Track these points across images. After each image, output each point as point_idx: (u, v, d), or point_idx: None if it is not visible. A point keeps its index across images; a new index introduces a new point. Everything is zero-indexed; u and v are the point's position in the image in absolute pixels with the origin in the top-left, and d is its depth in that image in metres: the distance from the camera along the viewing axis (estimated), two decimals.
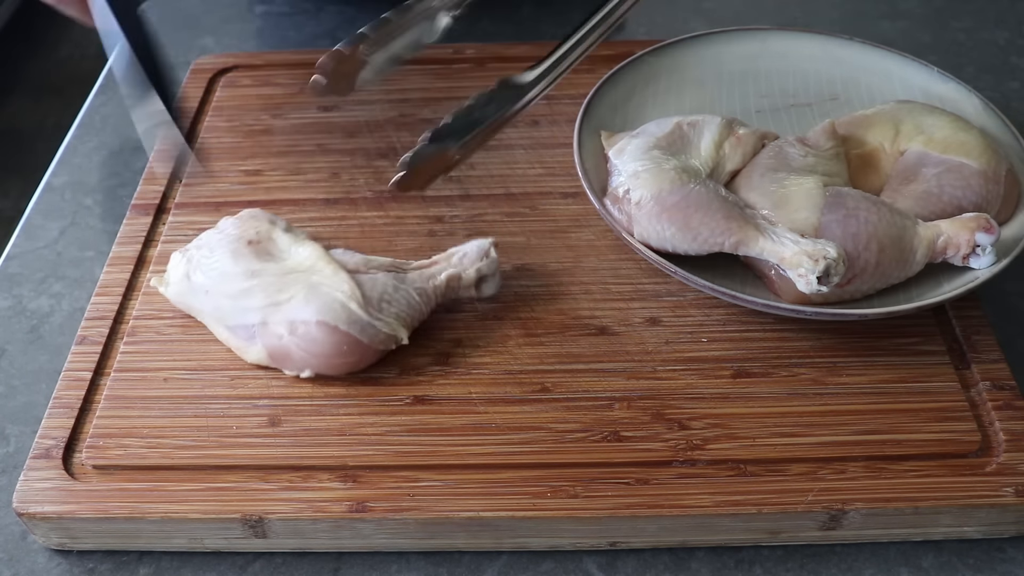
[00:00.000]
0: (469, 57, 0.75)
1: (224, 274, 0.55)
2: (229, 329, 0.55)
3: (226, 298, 0.54)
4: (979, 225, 0.52)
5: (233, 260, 0.55)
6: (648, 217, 0.54)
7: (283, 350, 0.53)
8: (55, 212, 0.68)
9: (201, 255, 0.56)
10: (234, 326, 0.54)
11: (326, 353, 0.52)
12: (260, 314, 0.53)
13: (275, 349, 0.53)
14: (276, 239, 0.56)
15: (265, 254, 0.55)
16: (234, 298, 0.54)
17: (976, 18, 0.83)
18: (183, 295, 0.56)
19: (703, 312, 0.57)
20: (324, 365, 0.53)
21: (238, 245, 0.56)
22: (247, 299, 0.54)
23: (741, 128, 0.59)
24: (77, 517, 0.49)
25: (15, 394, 0.57)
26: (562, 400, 0.52)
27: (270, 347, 0.53)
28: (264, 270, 0.54)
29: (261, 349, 0.53)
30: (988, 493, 0.48)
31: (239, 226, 0.57)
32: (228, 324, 0.54)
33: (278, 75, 0.75)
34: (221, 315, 0.55)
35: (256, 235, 0.56)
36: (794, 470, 0.49)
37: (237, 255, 0.55)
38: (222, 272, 0.55)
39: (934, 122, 0.58)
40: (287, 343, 0.52)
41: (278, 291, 0.53)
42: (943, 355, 0.54)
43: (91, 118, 0.76)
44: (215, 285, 0.55)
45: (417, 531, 0.49)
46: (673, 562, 0.49)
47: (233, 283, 0.54)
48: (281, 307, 0.53)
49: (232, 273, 0.55)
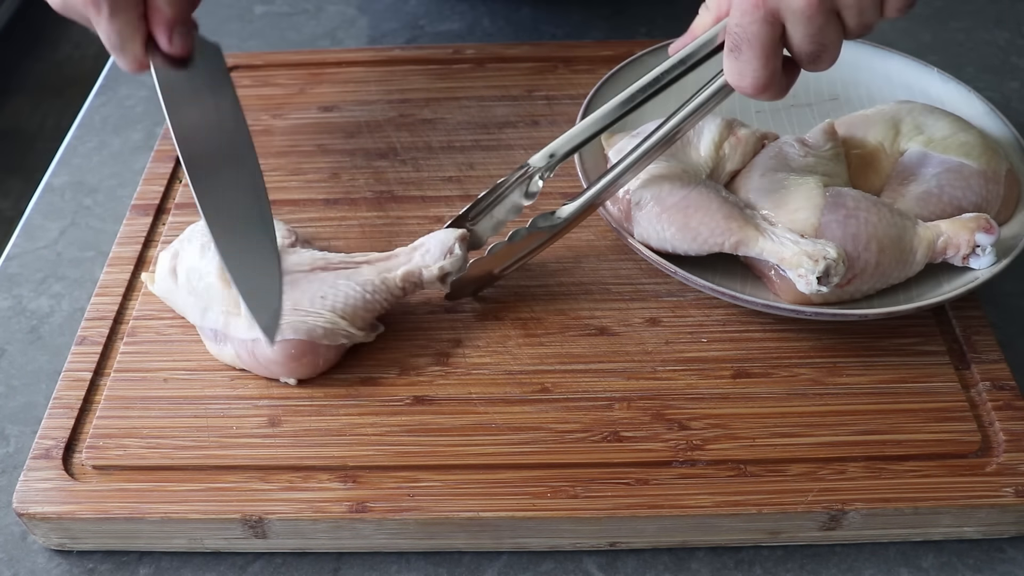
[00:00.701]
0: (469, 57, 0.75)
1: (192, 269, 0.54)
2: (199, 329, 0.54)
3: (191, 294, 0.53)
4: (979, 225, 0.52)
5: (201, 254, 0.54)
6: (648, 217, 0.54)
7: (252, 358, 0.52)
8: (55, 212, 0.68)
9: (182, 248, 0.55)
10: (201, 327, 0.54)
11: (279, 360, 0.52)
12: (219, 319, 0.53)
13: (244, 355, 0.53)
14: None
15: None
16: (198, 295, 0.53)
17: (976, 18, 0.83)
18: (168, 292, 0.55)
19: (703, 312, 0.57)
20: (286, 371, 0.52)
21: (206, 239, 0.55)
22: (209, 299, 0.53)
23: (741, 128, 0.59)
24: (77, 517, 0.49)
25: (15, 394, 0.57)
26: (562, 400, 0.52)
27: (240, 354, 0.53)
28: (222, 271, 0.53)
29: (232, 354, 0.53)
30: (988, 493, 0.48)
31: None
32: (195, 322, 0.54)
33: (278, 75, 0.75)
34: (187, 311, 0.54)
35: None
36: (794, 470, 0.49)
37: (205, 250, 0.54)
38: (191, 267, 0.54)
39: (934, 122, 0.58)
40: (252, 352, 0.52)
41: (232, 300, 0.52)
42: (943, 355, 0.54)
43: (91, 118, 0.76)
44: (186, 280, 0.54)
45: (417, 531, 0.49)
46: (673, 562, 0.49)
47: (198, 279, 0.53)
48: (237, 319, 0.52)
49: (197, 268, 0.54)
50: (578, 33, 0.58)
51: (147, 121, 0.75)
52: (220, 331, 0.53)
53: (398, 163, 0.67)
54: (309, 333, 0.52)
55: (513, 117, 0.70)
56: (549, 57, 0.75)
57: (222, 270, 0.52)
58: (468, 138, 0.69)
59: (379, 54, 0.76)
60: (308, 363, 0.52)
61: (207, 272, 0.53)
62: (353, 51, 0.77)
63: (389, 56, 0.76)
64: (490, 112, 0.71)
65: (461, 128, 0.69)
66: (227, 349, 0.53)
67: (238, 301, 0.52)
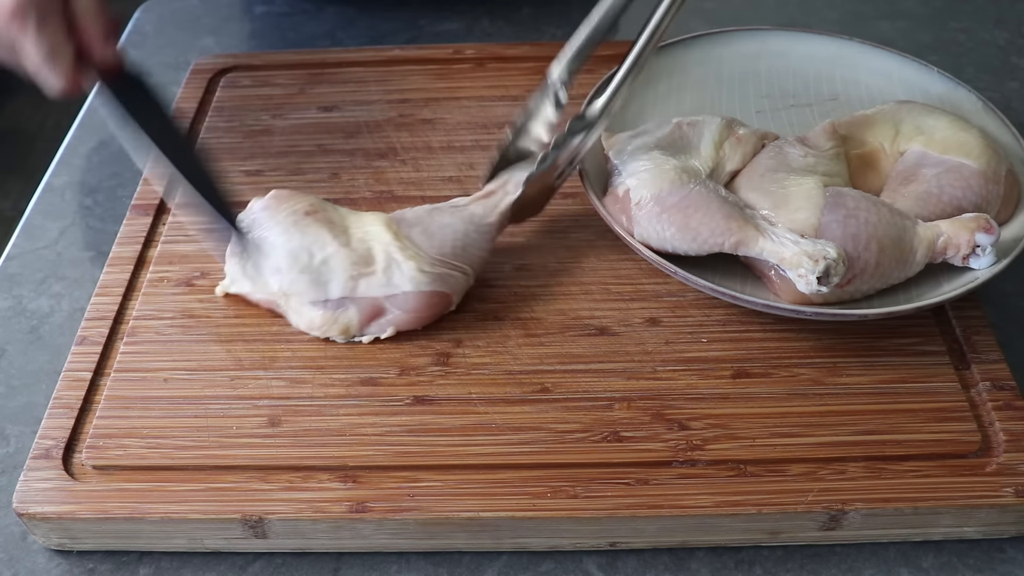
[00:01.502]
0: (469, 57, 0.75)
1: (294, 249, 0.55)
2: (313, 304, 0.55)
3: (302, 272, 0.54)
4: (979, 225, 0.52)
5: (301, 233, 0.55)
6: (648, 217, 0.54)
7: (377, 313, 0.55)
8: (55, 212, 0.68)
9: (256, 238, 0.56)
10: (317, 300, 0.55)
11: (418, 308, 0.55)
12: (347, 285, 0.54)
13: (368, 313, 0.55)
14: (329, 208, 0.57)
15: (328, 223, 0.56)
16: (313, 271, 0.54)
17: (976, 18, 0.83)
18: (255, 284, 0.56)
19: (703, 312, 0.57)
20: (417, 319, 0.55)
21: (298, 217, 0.56)
22: (328, 270, 0.54)
23: (741, 128, 0.59)
24: (77, 517, 0.49)
25: (15, 394, 0.57)
26: (562, 400, 0.52)
27: (364, 313, 0.54)
28: (335, 239, 0.55)
29: (354, 316, 0.54)
30: (988, 493, 0.48)
31: (285, 202, 0.57)
32: (311, 299, 0.55)
33: (278, 75, 0.75)
34: (298, 290, 0.55)
35: (311, 206, 0.57)
36: (794, 470, 0.49)
37: (303, 227, 0.55)
38: (291, 248, 0.55)
39: (934, 122, 0.58)
40: (382, 306, 0.55)
41: (360, 261, 0.55)
42: (943, 355, 0.54)
43: (91, 118, 0.76)
44: (286, 263, 0.55)
45: (417, 531, 0.49)
46: (673, 562, 0.49)
47: (306, 256, 0.55)
48: (370, 277, 0.54)
49: (302, 246, 0.55)
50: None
51: None
52: (347, 297, 0.54)
53: (398, 163, 0.67)
54: (453, 287, 0.55)
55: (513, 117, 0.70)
56: (549, 57, 0.74)
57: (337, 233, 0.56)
58: (468, 138, 0.69)
59: (379, 54, 0.76)
60: (438, 309, 0.56)
61: (319, 247, 0.55)
62: (353, 51, 0.77)
63: (389, 56, 0.76)
64: (490, 112, 0.71)
65: (461, 128, 0.69)
66: (348, 313, 0.54)
67: (367, 260, 0.55)
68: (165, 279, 0.59)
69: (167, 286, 0.59)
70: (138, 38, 0.84)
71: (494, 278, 0.59)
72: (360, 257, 0.55)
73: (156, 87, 0.57)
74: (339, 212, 0.57)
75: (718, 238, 0.53)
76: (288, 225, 0.56)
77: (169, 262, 0.60)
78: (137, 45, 0.83)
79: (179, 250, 0.61)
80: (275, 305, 0.56)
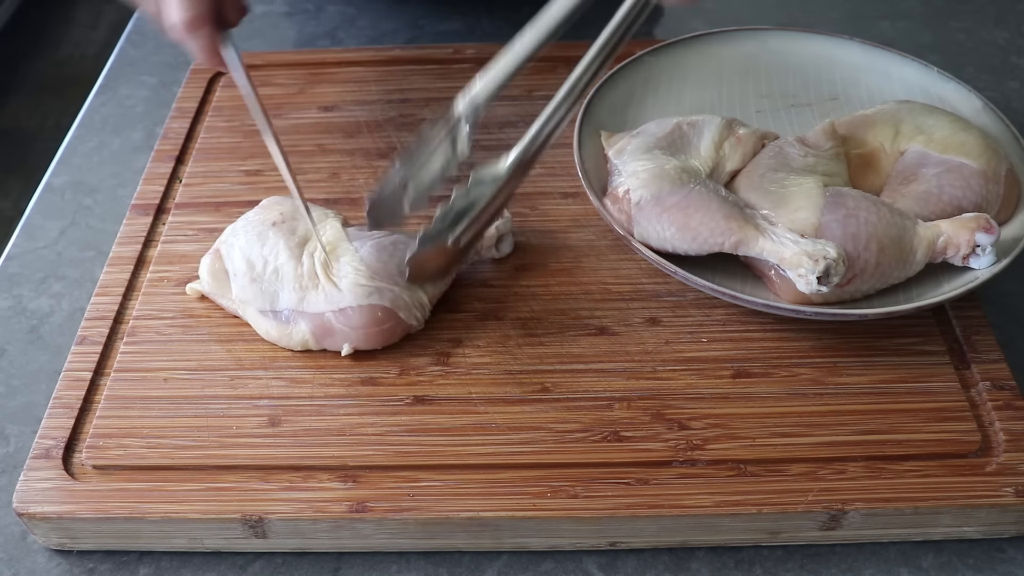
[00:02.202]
0: (469, 57, 0.75)
1: (251, 258, 0.55)
2: (263, 314, 0.55)
3: (253, 282, 0.55)
4: (979, 225, 0.52)
5: (260, 242, 0.56)
6: (648, 217, 0.54)
7: (327, 330, 0.54)
8: (55, 212, 0.68)
9: (227, 243, 0.56)
10: (267, 311, 0.55)
11: (364, 324, 0.54)
12: (293, 297, 0.54)
13: (318, 329, 0.54)
14: (300, 219, 0.57)
15: (290, 234, 0.56)
16: (265, 281, 0.55)
17: (976, 18, 0.83)
18: (220, 288, 0.56)
19: (703, 312, 0.57)
20: (365, 337, 0.54)
21: (263, 228, 0.56)
22: (278, 281, 0.54)
23: (741, 128, 0.59)
24: (77, 517, 0.49)
25: (15, 394, 0.57)
26: (562, 400, 0.52)
27: (314, 328, 0.54)
28: (288, 251, 0.55)
29: (306, 331, 0.54)
30: (988, 493, 0.48)
31: (261, 212, 0.58)
32: (260, 308, 0.55)
33: (278, 75, 0.75)
34: (251, 298, 0.55)
35: (280, 216, 0.57)
36: (794, 470, 0.49)
37: (263, 237, 0.56)
38: (248, 256, 0.55)
39: (934, 122, 0.58)
40: (330, 322, 0.54)
41: (307, 274, 0.54)
42: (943, 355, 0.54)
43: (91, 118, 0.76)
44: (242, 270, 0.55)
45: (417, 531, 0.49)
46: (673, 562, 0.49)
47: (261, 264, 0.55)
48: (315, 291, 0.54)
49: (259, 255, 0.55)
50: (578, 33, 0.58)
51: (147, 121, 0.75)
52: (294, 310, 0.54)
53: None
54: (394, 302, 0.54)
55: (513, 117, 0.70)
56: (549, 57, 0.74)
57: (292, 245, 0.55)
58: None
59: (379, 54, 0.76)
60: (389, 330, 0.54)
61: (272, 256, 0.55)
62: (353, 51, 0.77)
63: (389, 56, 0.76)
64: (490, 112, 0.70)
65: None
66: (299, 328, 0.54)
67: (313, 274, 0.54)
68: (165, 279, 0.60)
69: (167, 286, 0.59)
70: (138, 38, 0.84)
71: (494, 278, 0.59)
72: (307, 270, 0.55)
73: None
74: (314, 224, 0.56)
75: (718, 238, 0.53)
76: (253, 235, 0.56)
77: (169, 262, 0.60)
78: (137, 45, 0.83)
79: (179, 250, 0.61)
80: (236, 311, 0.56)
